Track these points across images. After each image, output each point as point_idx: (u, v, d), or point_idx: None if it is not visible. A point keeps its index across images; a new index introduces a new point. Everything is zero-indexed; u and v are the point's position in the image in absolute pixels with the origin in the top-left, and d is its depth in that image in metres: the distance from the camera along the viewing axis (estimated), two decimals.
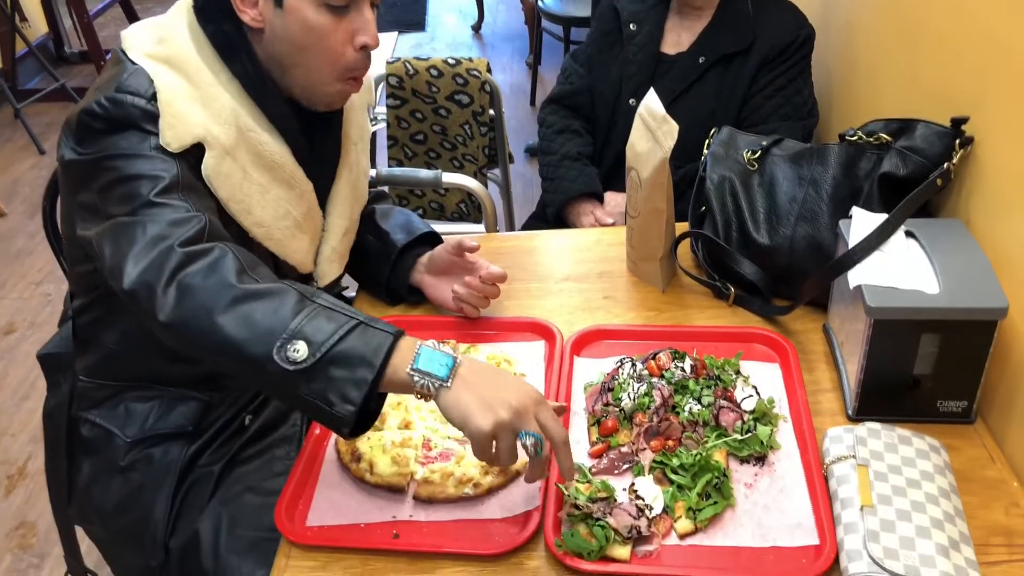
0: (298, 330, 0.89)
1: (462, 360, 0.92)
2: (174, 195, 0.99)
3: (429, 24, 5.06)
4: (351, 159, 1.28)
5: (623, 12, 1.80)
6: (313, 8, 1.06)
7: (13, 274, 3.00)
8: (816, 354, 1.24)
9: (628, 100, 1.78)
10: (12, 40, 3.98)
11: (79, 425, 1.25)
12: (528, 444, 0.90)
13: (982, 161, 1.19)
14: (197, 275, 0.93)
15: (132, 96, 1.02)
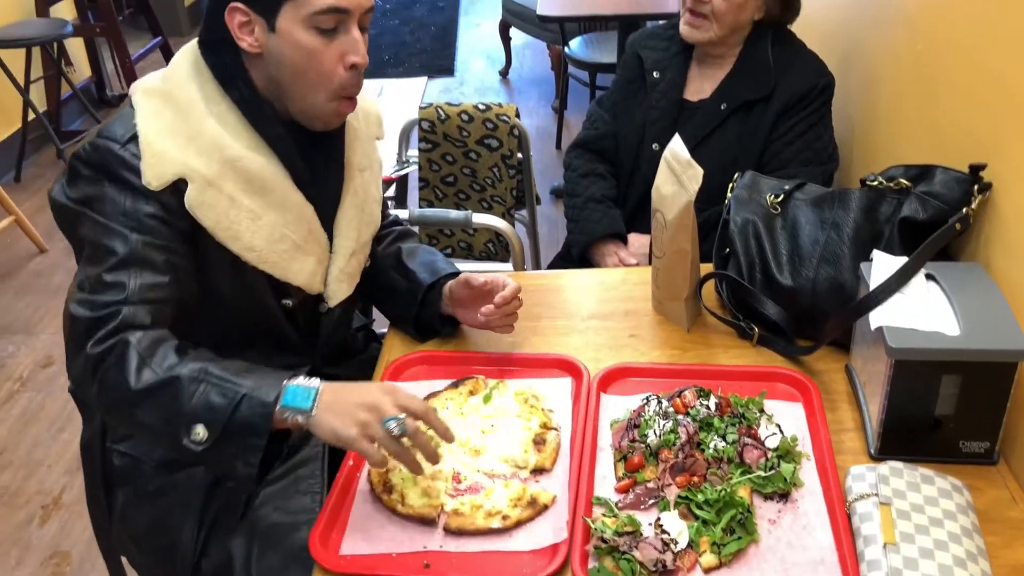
0: (194, 414, 1.04)
1: (323, 388, 1.05)
2: (122, 272, 1.09)
3: (458, 69, 5.18)
4: (355, 184, 1.33)
5: (647, 60, 1.85)
6: (304, 31, 1.12)
7: (51, 309, 3.09)
8: (839, 394, 1.26)
9: (651, 145, 1.82)
10: (58, 84, 4.13)
11: (111, 456, 1.32)
12: (392, 427, 1.01)
13: (1001, 206, 1.22)
14: (109, 373, 1.07)
15: (109, 141, 1.12)
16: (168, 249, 1.13)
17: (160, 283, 1.12)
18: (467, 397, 1.26)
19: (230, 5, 1.13)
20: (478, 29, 5.80)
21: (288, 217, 1.22)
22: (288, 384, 1.05)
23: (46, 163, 4.14)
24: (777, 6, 1.72)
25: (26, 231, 3.39)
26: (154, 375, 1.05)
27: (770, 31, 1.73)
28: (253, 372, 1.09)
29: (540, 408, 1.24)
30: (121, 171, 1.11)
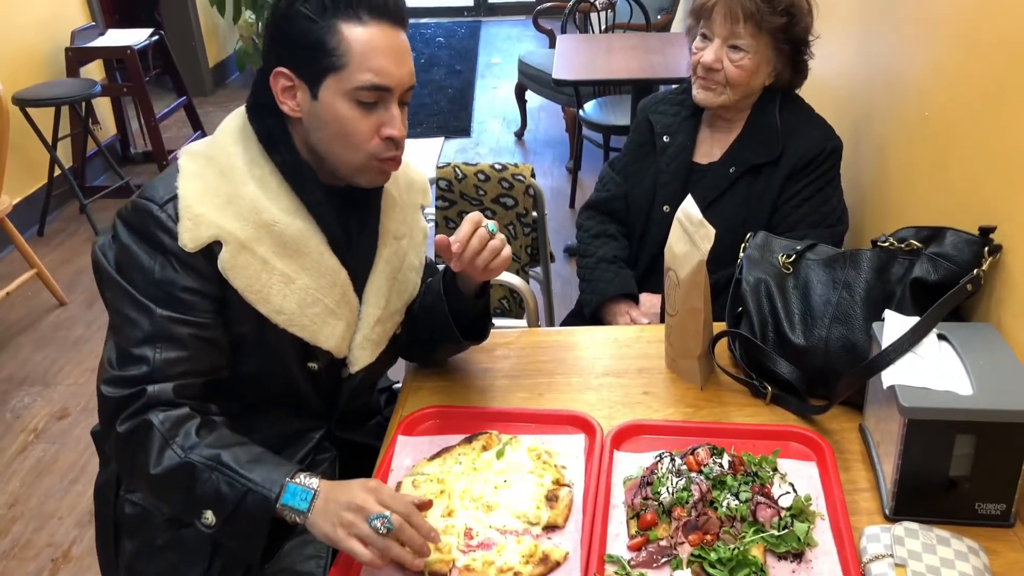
0: (205, 501, 1.10)
1: (320, 490, 1.08)
2: (147, 347, 1.15)
3: (474, 130, 5.28)
4: (389, 251, 1.34)
5: (657, 124, 1.88)
6: (344, 103, 1.16)
7: (70, 361, 3.12)
8: (852, 453, 1.26)
9: (662, 207, 1.85)
10: (84, 141, 4.25)
11: (123, 504, 1.33)
12: (377, 525, 1.03)
13: (1011, 268, 1.23)
14: (134, 455, 1.14)
15: (149, 202, 1.17)
16: (194, 324, 1.17)
17: (183, 358, 1.16)
18: (480, 452, 1.26)
19: (276, 69, 1.17)
20: (495, 92, 5.93)
21: (322, 282, 1.24)
22: (289, 483, 1.09)
23: (70, 217, 4.23)
24: (787, 72, 1.75)
25: (47, 284, 3.45)
26: (173, 458, 1.11)
27: (778, 95, 1.76)
28: (262, 462, 1.12)
29: (553, 464, 1.24)
30: (157, 232, 1.16)
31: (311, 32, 1.14)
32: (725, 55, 1.70)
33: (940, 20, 1.53)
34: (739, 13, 1.66)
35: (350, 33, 1.14)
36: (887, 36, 1.82)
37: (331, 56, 1.14)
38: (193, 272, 1.16)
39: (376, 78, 1.15)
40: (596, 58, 3.81)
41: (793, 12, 1.68)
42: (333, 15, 1.14)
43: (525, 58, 4.70)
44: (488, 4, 8.05)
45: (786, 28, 1.68)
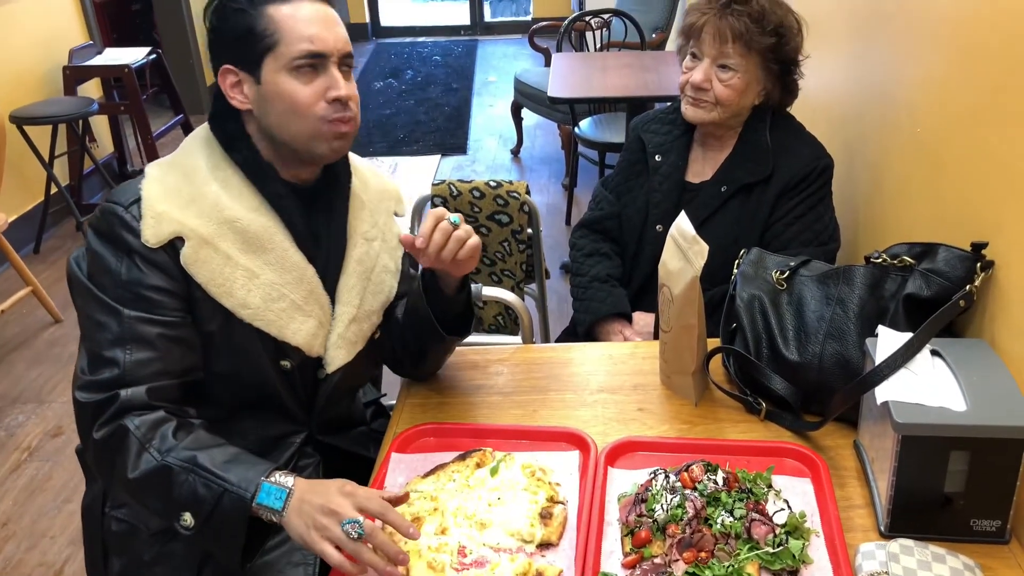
0: (183, 503, 1.11)
1: (295, 489, 1.09)
2: (116, 349, 1.16)
3: (471, 148, 5.30)
4: (360, 252, 1.36)
5: (649, 143, 1.88)
6: (285, 77, 1.20)
7: (64, 378, 3.11)
8: (847, 470, 1.25)
9: (655, 227, 1.84)
10: (81, 159, 4.26)
11: (110, 521, 1.34)
12: (348, 530, 1.03)
13: (1004, 284, 1.23)
14: (112, 461, 1.14)
15: (114, 205, 1.21)
16: (162, 323, 1.19)
17: (153, 358, 1.17)
18: (474, 469, 1.26)
19: (221, 68, 1.22)
20: (491, 109, 5.95)
21: (287, 277, 1.26)
22: (264, 482, 1.10)
23: (66, 235, 4.23)
24: (777, 91, 1.75)
25: (42, 301, 3.44)
26: (150, 461, 1.12)
27: (768, 114, 1.77)
28: (238, 462, 1.13)
29: (547, 482, 1.23)
30: (122, 232, 1.19)
31: (242, 22, 1.20)
32: (714, 74, 1.71)
33: (931, 36, 1.54)
34: (728, 34, 1.67)
35: (276, 13, 1.20)
36: (879, 53, 1.83)
37: (264, 38, 1.19)
38: (158, 270, 1.19)
39: (309, 45, 1.20)
40: (591, 76, 3.84)
41: (782, 32, 1.68)
42: (260, 3, 1.19)
43: (521, 76, 4.73)
44: (485, 23, 8.11)
45: (775, 48, 1.69)
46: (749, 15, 1.66)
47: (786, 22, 1.69)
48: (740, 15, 1.66)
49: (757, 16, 1.66)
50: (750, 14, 1.66)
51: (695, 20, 1.72)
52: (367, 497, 1.07)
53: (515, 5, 9.33)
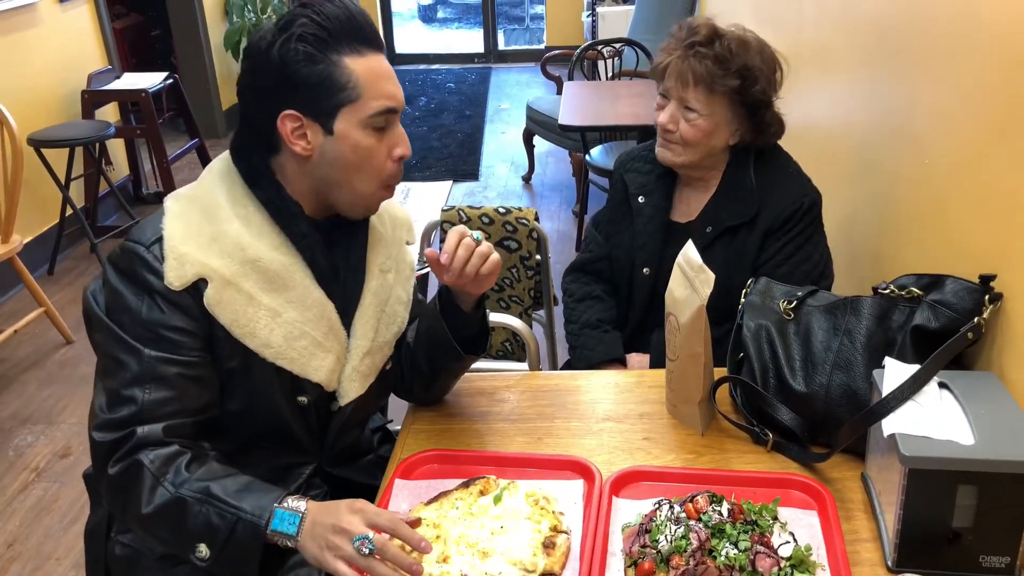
0: (198, 534, 1.12)
1: (308, 514, 1.10)
2: (135, 388, 1.16)
3: (483, 174, 5.33)
4: (376, 284, 1.36)
5: (631, 185, 1.83)
6: (361, 131, 1.20)
7: (74, 399, 3.13)
8: (854, 502, 1.24)
9: (642, 270, 1.80)
10: (97, 181, 4.31)
11: (114, 546, 1.33)
12: (358, 547, 1.04)
13: (1013, 316, 1.23)
14: (127, 496, 1.15)
15: (136, 244, 1.19)
16: (182, 363, 1.18)
17: (171, 398, 1.17)
18: (477, 497, 1.25)
19: (283, 113, 1.18)
20: (503, 136, 5.99)
21: (308, 315, 1.25)
22: (277, 508, 1.11)
23: (80, 256, 4.27)
24: (750, 133, 1.69)
25: (55, 322, 3.47)
26: (164, 495, 1.13)
27: (752, 153, 1.72)
28: (251, 491, 1.14)
29: (551, 511, 1.23)
30: (144, 273, 1.18)
31: (317, 72, 1.17)
32: (681, 116, 1.67)
33: (938, 71, 1.55)
34: (690, 76, 1.63)
35: (355, 65, 1.18)
36: (887, 85, 1.84)
37: (344, 90, 1.18)
38: (180, 311, 1.18)
39: (388, 102, 1.20)
40: (602, 104, 3.86)
41: (747, 75, 1.63)
42: (336, 51, 1.17)
43: (533, 104, 4.76)
44: (498, 51, 8.18)
45: (740, 90, 1.63)
46: (713, 57, 1.62)
47: (751, 63, 1.63)
48: (703, 57, 1.62)
49: (721, 58, 1.62)
50: (714, 56, 1.62)
51: (660, 60, 1.70)
52: (377, 513, 1.08)
53: (528, 33, 9.44)
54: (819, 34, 2.45)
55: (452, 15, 10.94)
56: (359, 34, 1.19)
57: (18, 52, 3.97)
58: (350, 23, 1.18)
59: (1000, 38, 1.30)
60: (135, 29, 6.19)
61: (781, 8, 2.98)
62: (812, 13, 2.52)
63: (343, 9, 1.18)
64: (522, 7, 10.01)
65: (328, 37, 1.16)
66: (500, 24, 8.63)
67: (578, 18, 7.23)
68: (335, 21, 1.17)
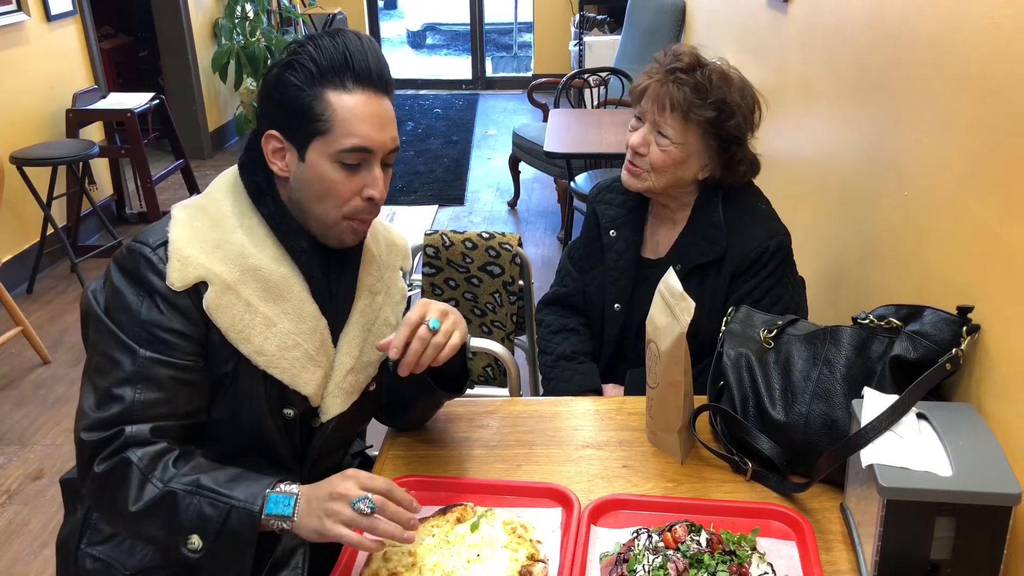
0: (189, 526, 1.12)
1: (301, 492, 1.13)
2: (127, 387, 1.17)
3: (468, 199, 5.34)
4: (364, 304, 1.37)
5: (602, 218, 1.81)
6: (329, 164, 1.21)
7: (48, 420, 3.08)
8: (833, 533, 1.23)
9: (613, 306, 1.79)
10: (79, 201, 4.28)
11: (85, 559, 1.31)
12: (361, 507, 1.09)
13: (990, 348, 1.23)
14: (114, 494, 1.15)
15: (141, 245, 1.22)
16: (176, 366, 1.19)
17: (162, 399, 1.18)
18: (454, 524, 1.24)
19: (267, 132, 1.24)
20: (489, 162, 6.02)
21: (302, 327, 1.27)
22: (270, 493, 1.13)
23: (60, 276, 4.22)
24: (719, 169, 1.67)
25: (32, 342, 3.43)
26: (153, 491, 1.13)
27: (721, 190, 1.69)
28: (241, 480, 1.15)
29: (528, 539, 1.21)
30: (147, 273, 1.20)
31: (300, 99, 1.20)
32: (653, 139, 1.65)
33: (916, 106, 1.57)
34: (666, 102, 1.62)
35: (336, 100, 1.20)
36: (868, 118, 1.86)
37: (317, 121, 1.20)
38: (179, 313, 1.19)
39: (359, 141, 1.20)
40: (588, 132, 3.89)
41: (723, 108, 1.61)
42: (320, 84, 1.20)
43: (519, 130, 4.79)
44: (486, 78, 8.24)
45: (715, 122, 1.61)
46: (692, 85, 1.60)
47: (730, 98, 1.61)
48: (682, 84, 1.61)
49: (700, 87, 1.60)
50: (694, 84, 1.60)
51: (640, 82, 1.68)
52: (370, 477, 1.13)
53: (516, 61, 9.52)
54: (802, 66, 2.48)
55: (441, 42, 11.03)
56: (349, 70, 1.20)
57: (3, 70, 3.95)
58: (343, 60, 1.20)
59: (976, 72, 1.32)
60: (123, 50, 6.19)
61: (765, 40, 3.03)
62: (795, 45, 2.56)
63: (341, 45, 1.20)
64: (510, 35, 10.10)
65: (316, 71, 1.19)
66: (488, 51, 8.70)
67: (565, 47, 7.30)
68: (329, 55, 1.19)
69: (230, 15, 5.87)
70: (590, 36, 6.28)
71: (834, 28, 2.15)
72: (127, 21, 6.26)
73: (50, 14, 4.26)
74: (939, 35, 1.48)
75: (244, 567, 1.12)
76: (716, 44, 4.04)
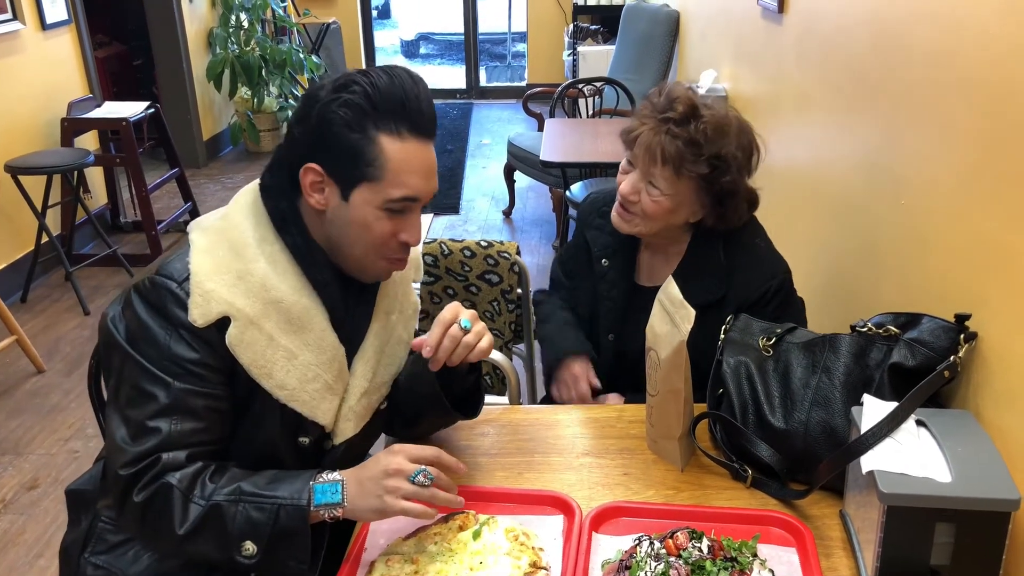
0: (241, 534, 1.14)
1: (345, 477, 1.16)
2: (163, 420, 1.16)
3: (463, 208, 5.34)
4: (378, 326, 1.36)
5: (594, 245, 1.75)
6: (373, 211, 1.19)
7: (43, 429, 3.06)
8: (833, 540, 1.24)
9: (607, 336, 1.74)
10: (74, 209, 4.27)
11: (87, 567, 1.30)
12: (420, 480, 1.13)
13: (987, 355, 1.24)
14: (157, 522, 1.15)
15: (167, 280, 1.19)
16: (209, 396, 1.19)
17: (199, 428, 1.19)
18: (456, 532, 1.24)
19: (307, 165, 1.18)
20: (484, 171, 6.03)
21: (323, 358, 1.26)
22: (315, 484, 1.16)
23: (54, 284, 4.21)
24: (711, 217, 1.61)
25: (26, 351, 3.41)
26: (197, 508, 1.14)
27: (721, 235, 1.63)
28: (282, 480, 1.18)
29: (530, 546, 1.22)
30: (174, 308, 1.18)
31: (350, 140, 1.16)
32: (644, 188, 1.58)
33: (913, 114, 1.58)
34: (658, 154, 1.54)
35: (389, 147, 1.17)
36: (866, 126, 1.88)
37: (369, 166, 1.17)
38: (206, 346, 1.18)
39: (408, 192, 1.19)
40: (583, 142, 3.90)
41: (718, 164, 1.54)
42: (374, 127, 1.16)
43: (514, 140, 4.80)
44: (480, 87, 8.26)
45: (708, 178, 1.55)
46: (686, 139, 1.53)
47: (725, 152, 1.54)
48: (675, 137, 1.53)
49: (694, 141, 1.53)
50: (688, 138, 1.53)
51: (633, 127, 1.61)
52: (418, 448, 1.18)
53: (510, 71, 9.54)
54: (799, 76, 2.50)
55: (435, 51, 11.05)
56: (405, 116, 1.17)
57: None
58: (400, 103, 1.16)
59: (973, 81, 1.34)
60: (118, 59, 6.19)
61: (760, 50, 3.05)
62: (791, 55, 2.58)
63: (398, 87, 1.16)
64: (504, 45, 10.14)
65: (372, 110, 1.15)
66: (482, 61, 8.72)
67: (559, 57, 7.33)
68: (385, 96, 1.15)
69: (225, 24, 5.89)
70: (584, 46, 6.31)
71: (830, 37, 2.17)
72: (122, 30, 6.27)
73: (45, 23, 4.26)
74: (936, 44, 1.49)
75: (302, 561, 1.14)
76: (710, 54, 4.06)
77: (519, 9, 8.67)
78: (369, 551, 1.24)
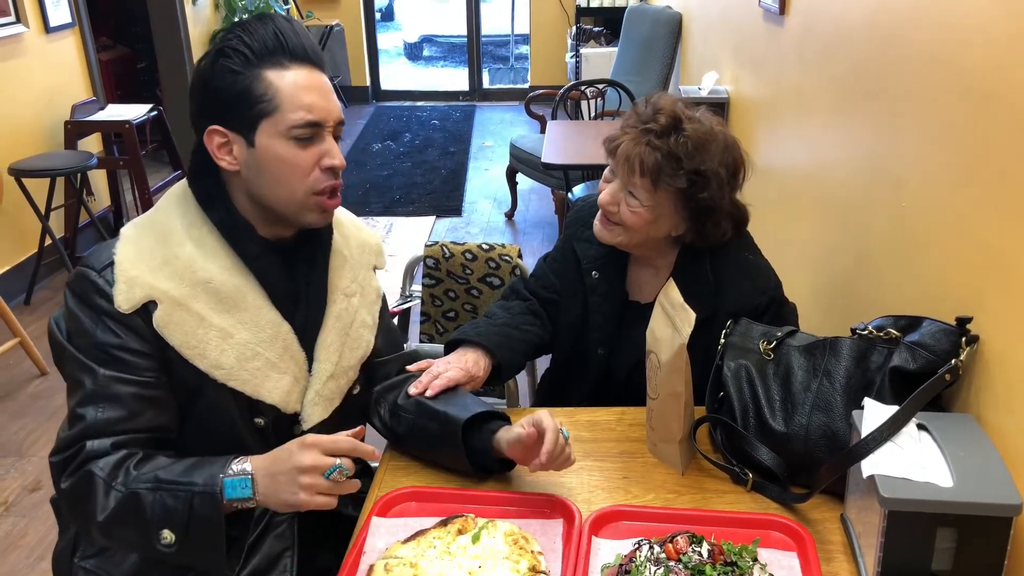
0: (158, 522, 1.14)
1: (256, 469, 1.15)
2: (88, 407, 1.19)
3: (466, 210, 5.34)
4: (339, 308, 1.37)
5: (583, 258, 1.70)
6: (282, 143, 1.21)
7: (46, 432, 3.07)
8: (834, 544, 1.23)
9: (597, 350, 1.70)
10: (77, 212, 4.28)
11: (78, 572, 1.33)
12: (335, 476, 1.12)
13: (989, 359, 1.24)
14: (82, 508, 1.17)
15: (88, 269, 1.22)
16: (136, 383, 1.20)
17: (123, 417, 1.19)
18: (455, 536, 1.24)
19: (209, 128, 1.21)
20: (486, 173, 6.03)
21: (261, 336, 1.26)
22: (224, 478, 1.15)
23: (57, 287, 4.22)
24: (690, 233, 1.57)
25: (29, 353, 3.42)
26: (117, 495, 1.15)
27: (707, 250, 1.59)
28: (200, 466, 1.18)
29: (530, 550, 1.21)
30: (95, 298, 1.20)
31: (238, 84, 1.19)
32: (623, 199, 1.55)
33: (912, 116, 1.58)
34: (636, 165, 1.50)
35: (277, 78, 1.20)
36: (865, 128, 1.87)
37: (262, 102, 1.19)
38: (132, 333, 1.20)
39: (309, 114, 1.20)
40: (585, 143, 3.90)
41: (695, 180, 1.49)
42: (257, 65, 1.19)
43: (517, 142, 4.80)
44: (483, 89, 8.27)
45: (686, 192, 1.50)
46: (666, 152, 1.49)
47: (705, 167, 1.49)
48: (655, 149, 1.49)
49: (673, 155, 1.49)
50: (668, 151, 1.49)
51: (615, 136, 1.57)
52: (331, 440, 1.15)
53: (513, 73, 9.55)
54: (799, 78, 2.50)
55: (437, 54, 11.06)
56: (284, 49, 1.20)
57: (2, 81, 3.95)
58: (275, 39, 1.20)
59: (973, 83, 1.33)
60: (121, 61, 6.20)
61: (761, 52, 3.04)
62: (792, 57, 2.58)
63: (270, 27, 1.20)
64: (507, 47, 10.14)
65: (251, 54, 1.19)
66: (485, 63, 8.73)
67: (562, 59, 7.34)
68: (260, 38, 1.19)
69: None
70: (586, 48, 6.31)
71: (831, 40, 2.17)
72: (125, 33, 6.28)
73: (49, 26, 4.27)
74: (936, 46, 1.49)
75: (219, 552, 1.15)
76: (712, 56, 4.06)
77: (522, 11, 8.69)
78: (368, 554, 1.23)
